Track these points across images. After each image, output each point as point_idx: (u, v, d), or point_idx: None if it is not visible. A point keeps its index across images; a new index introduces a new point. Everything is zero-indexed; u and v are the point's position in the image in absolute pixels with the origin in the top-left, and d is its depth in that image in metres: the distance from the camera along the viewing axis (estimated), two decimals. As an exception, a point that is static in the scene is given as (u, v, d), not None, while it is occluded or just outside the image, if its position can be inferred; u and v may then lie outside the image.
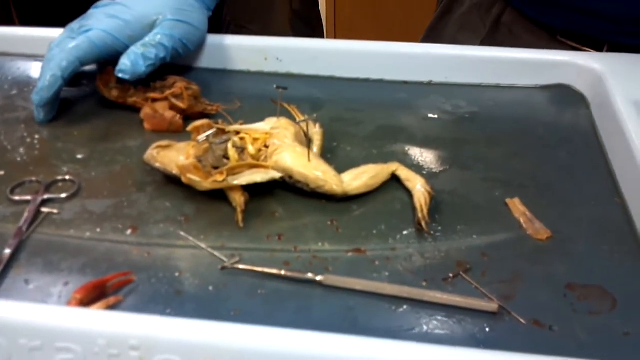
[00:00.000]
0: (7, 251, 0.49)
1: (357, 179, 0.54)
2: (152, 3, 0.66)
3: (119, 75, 0.63)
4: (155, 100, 0.64)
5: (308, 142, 0.57)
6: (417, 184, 0.54)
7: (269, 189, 0.55)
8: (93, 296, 0.45)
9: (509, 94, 0.70)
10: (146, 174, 0.57)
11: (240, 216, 0.52)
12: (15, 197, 0.55)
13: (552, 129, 0.65)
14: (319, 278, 0.46)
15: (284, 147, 0.55)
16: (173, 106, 0.63)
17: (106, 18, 0.65)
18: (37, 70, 0.70)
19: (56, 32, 0.67)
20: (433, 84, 0.72)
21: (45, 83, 0.62)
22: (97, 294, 0.45)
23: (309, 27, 1.09)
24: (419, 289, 0.46)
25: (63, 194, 0.55)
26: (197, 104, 0.65)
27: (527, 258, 0.49)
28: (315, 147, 0.59)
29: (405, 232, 0.51)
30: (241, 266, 0.48)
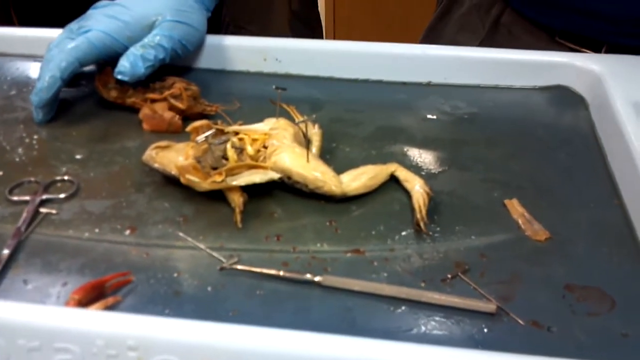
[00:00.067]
0: (6, 251, 0.49)
1: (356, 180, 0.55)
2: (151, 4, 0.66)
3: (118, 77, 0.63)
4: (154, 100, 0.64)
5: (307, 142, 0.57)
6: (416, 185, 0.54)
7: (267, 189, 0.55)
8: (91, 296, 0.45)
9: (507, 95, 0.70)
10: (145, 175, 0.57)
11: (239, 217, 0.52)
12: (14, 198, 0.55)
13: (551, 130, 0.65)
14: (317, 279, 0.46)
15: (282, 148, 0.55)
16: (172, 107, 0.63)
17: (105, 19, 0.65)
18: (36, 71, 0.70)
19: (55, 33, 0.67)
20: (432, 84, 0.72)
21: (44, 84, 0.62)
22: (95, 294, 0.45)
23: (308, 27, 1.09)
24: (418, 290, 0.46)
25: (62, 195, 0.55)
26: (196, 105, 0.65)
27: (526, 259, 0.49)
28: (314, 148, 0.59)
29: (403, 233, 0.51)
30: (240, 267, 0.48)
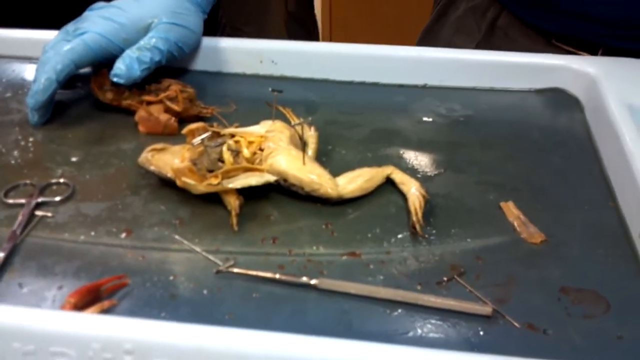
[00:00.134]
0: (1, 255, 0.49)
1: (351, 183, 0.55)
2: (148, 6, 0.66)
3: (114, 80, 0.63)
4: (150, 103, 0.64)
5: (303, 145, 0.57)
6: (412, 188, 0.54)
7: (263, 192, 0.55)
8: (87, 300, 0.44)
9: (503, 97, 0.71)
10: (141, 177, 0.57)
11: (234, 219, 0.52)
12: (9, 200, 0.54)
13: (546, 132, 0.65)
14: (313, 282, 0.46)
15: (278, 150, 0.55)
16: (168, 109, 0.63)
17: (101, 21, 0.65)
18: (31, 73, 0.70)
19: (51, 35, 0.67)
20: (428, 87, 0.72)
21: (39, 86, 0.62)
22: (91, 297, 0.45)
23: (304, 29, 1.09)
24: (414, 293, 0.46)
25: (57, 197, 0.55)
26: (192, 107, 0.65)
27: (521, 262, 0.49)
28: (310, 151, 0.59)
29: (399, 236, 0.51)
30: (236, 270, 0.48)
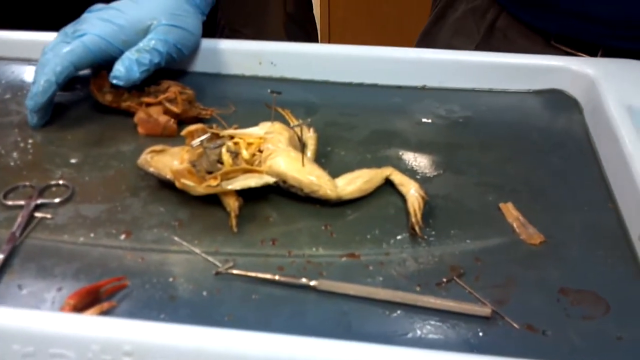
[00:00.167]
0: (0, 256, 0.49)
1: (351, 184, 0.55)
2: (147, 8, 0.66)
3: (114, 82, 0.63)
4: (149, 104, 0.64)
5: (302, 146, 0.57)
6: (411, 189, 0.55)
7: (263, 193, 0.55)
8: (86, 302, 0.44)
9: (502, 98, 0.71)
10: (140, 179, 0.57)
11: (234, 221, 0.52)
12: (9, 202, 0.54)
13: (545, 133, 0.65)
14: (312, 283, 0.46)
15: (278, 152, 0.55)
16: (167, 110, 0.63)
17: (100, 22, 0.65)
18: (30, 74, 0.70)
19: (50, 36, 0.67)
20: (427, 88, 0.72)
21: (39, 88, 0.62)
22: (90, 299, 0.45)
23: (303, 30, 1.09)
24: (413, 294, 0.46)
25: (56, 199, 0.55)
26: (191, 109, 0.65)
27: (521, 263, 0.49)
28: (309, 152, 0.59)
29: (399, 237, 0.51)
30: (235, 271, 0.48)
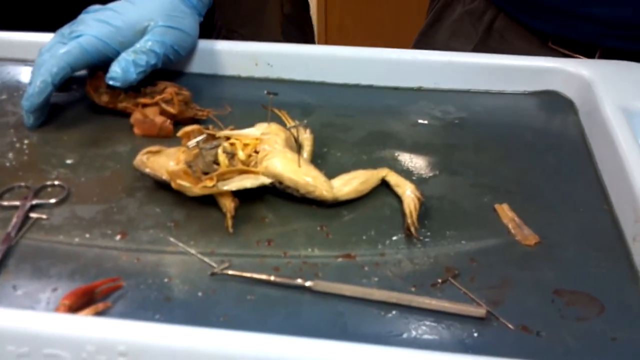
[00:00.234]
0: (-4, 257, 0.49)
1: (347, 185, 0.55)
2: (143, 9, 0.66)
3: (110, 83, 0.63)
4: (145, 105, 0.64)
5: (298, 147, 0.57)
6: (407, 190, 0.55)
7: (259, 194, 0.55)
8: (82, 302, 0.44)
9: (498, 99, 0.71)
10: (136, 180, 0.57)
11: (230, 222, 0.52)
12: (4, 203, 0.54)
13: (540, 135, 0.65)
14: (308, 284, 0.46)
15: (274, 153, 0.55)
16: (163, 111, 0.63)
17: (97, 23, 0.65)
18: (27, 75, 0.70)
19: (46, 37, 0.67)
20: (423, 89, 0.72)
21: (35, 89, 0.62)
22: (85, 300, 0.45)
23: (300, 31, 1.10)
24: (408, 295, 0.46)
25: (52, 199, 0.55)
26: (188, 110, 0.65)
27: (516, 264, 0.50)
28: (306, 153, 0.59)
29: (394, 238, 0.52)
30: (231, 272, 0.48)
